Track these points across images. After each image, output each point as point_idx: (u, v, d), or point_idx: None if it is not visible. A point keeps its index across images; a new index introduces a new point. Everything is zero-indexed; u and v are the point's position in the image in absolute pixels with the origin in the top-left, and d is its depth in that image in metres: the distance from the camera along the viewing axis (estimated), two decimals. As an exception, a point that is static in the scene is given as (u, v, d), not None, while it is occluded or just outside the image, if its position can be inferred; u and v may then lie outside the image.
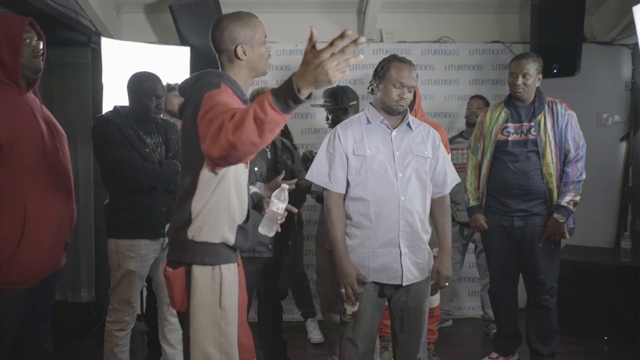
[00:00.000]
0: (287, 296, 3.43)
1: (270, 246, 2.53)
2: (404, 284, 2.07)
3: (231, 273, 1.65)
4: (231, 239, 1.62)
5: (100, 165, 2.55)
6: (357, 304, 2.07)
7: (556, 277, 2.77)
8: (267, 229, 1.76)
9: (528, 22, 3.80)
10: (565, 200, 2.64)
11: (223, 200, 1.60)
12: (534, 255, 2.72)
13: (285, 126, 3.26)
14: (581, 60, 3.70)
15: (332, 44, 1.25)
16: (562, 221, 2.64)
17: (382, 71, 2.09)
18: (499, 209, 2.79)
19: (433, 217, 2.20)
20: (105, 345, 2.54)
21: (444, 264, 2.14)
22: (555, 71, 3.64)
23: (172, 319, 2.71)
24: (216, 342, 1.60)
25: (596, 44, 3.99)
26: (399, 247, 2.05)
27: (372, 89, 2.17)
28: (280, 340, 2.83)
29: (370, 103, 2.19)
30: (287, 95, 1.29)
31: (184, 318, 1.64)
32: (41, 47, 1.95)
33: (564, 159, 2.69)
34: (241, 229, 1.65)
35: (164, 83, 2.64)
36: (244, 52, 1.68)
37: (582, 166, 2.68)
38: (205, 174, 1.57)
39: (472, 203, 2.89)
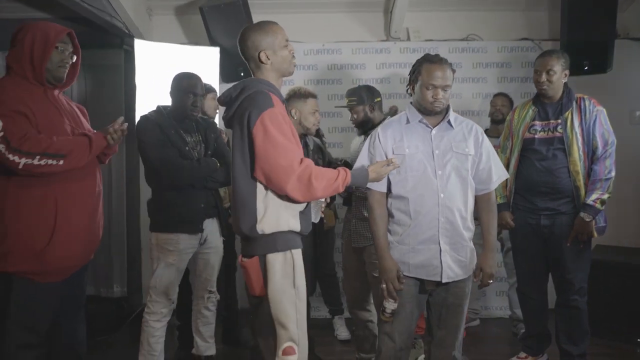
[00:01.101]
0: (315, 293, 3.48)
1: None
2: (443, 281, 2.07)
3: (299, 256, 1.86)
4: (297, 225, 1.84)
5: (144, 163, 2.65)
6: (397, 301, 2.09)
7: (586, 277, 2.72)
8: (314, 215, 1.96)
9: (558, 18, 3.74)
10: (592, 198, 2.59)
11: (278, 195, 1.80)
12: (562, 255, 2.68)
13: None
14: (613, 57, 3.63)
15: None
16: (588, 220, 2.59)
17: (414, 74, 2.11)
18: (526, 207, 2.77)
19: (478, 214, 2.19)
20: (141, 336, 2.62)
21: (487, 261, 2.14)
22: (586, 68, 3.58)
23: (206, 313, 2.79)
24: (293, 319, 1.80)
25: (629, 40, 3.91)
26: (439, 244, 2.06)
27: (409, 92, 2.19)
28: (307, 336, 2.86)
29: (411, 102, 2.21)
30: (360, 183, 2.03)
31: (261, 302, 1.86)
32: (72, 60, 2.06)
33: (592, 156, 2.64)
34: (302, 214, 1.86)
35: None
36: (267, 57, 1.87)
37: (611, 163, 2.62)
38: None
39: (499, 201, 2.86)
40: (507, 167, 2.86)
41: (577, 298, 2.69)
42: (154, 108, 2.66)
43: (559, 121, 2.67)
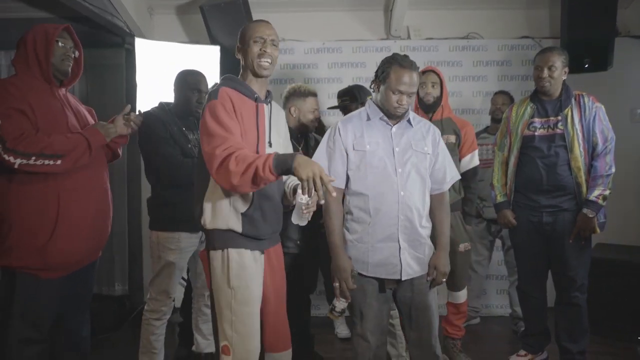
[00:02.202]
0: (316, 291, 3.49)
1: (298, 242, 2.58)
2: (403, 279, 2.06)
3: (242, 257, 1.85)
4: (237, 226, 1.84)
5: (144, 160, 2.66)
6: (348, 301, 2.08)
7: (586, 274, 2.72)
8: (298, 219, 1.88)
9: (558, 16, 3.74)
10: (594, 194, 2.60)
11: (224, 191, 1.82)
12: (564, 252, 2.68)
13: (320, 121, 3.32)
14: (614, 54, 3.62)
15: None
16: (591, 216, 2.59)
17: (382, 75, 2.06)
18: (527, 204, 2.76)
19: (432, 214, 2.17)
20: (142, 333, 2.64)
21: (440, 260, 2.13)
22: (587, 66, 3.58)
23: (206, 310, 2.80)
24: (227, 319, 1.82)
25: (630, 38, 3.90)
26: (398, 241, 2.05)
27: (373, 89, 2.16)
28: (307, 334, 2.88)
29: (370, 98, 2.19)
30: (284, 169, 1.67)
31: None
32: (74, 54, 2.10)
33: (592, 153, 2.65)
34: (245, 216, 1.84)
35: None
36: (238, 51, 1.93)
37: (611, 159, 2.63)
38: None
39: (500, 199, 2.87)
40: (505, 164, 2.86)
41: (578, 295, 2.69)
42: (156, 104, 2.67)
43: (559, 118, 2.67)
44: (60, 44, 2.03)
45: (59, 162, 1.91)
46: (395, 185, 2.04)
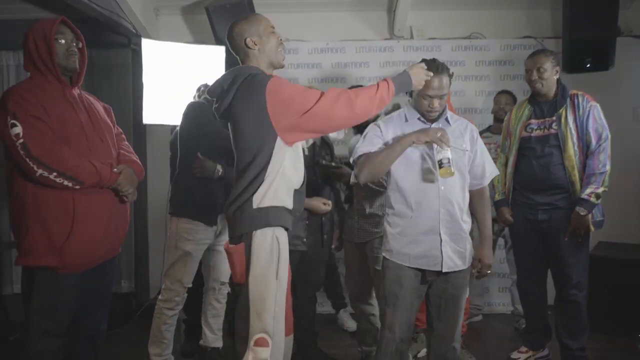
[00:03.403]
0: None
1: (304, 239, 2.62)
2: (444, 270, 2.12)
3: (286, 248, 1.84)
4: (289, 203, 1.85)
5: (184, 148, 2.66)
6: (450, 146, 2.04)
7: (584, 272, 2.74)
8: (336, 134, 2.00)
9: (560, 17, 3.76)
10: (586, 192, 2.60)
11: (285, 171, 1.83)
12: (560, 249, 2.71)
13: None
14: (615, 54, 3.65)
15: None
16: (583, 214, 2.60)
17: None
18: (524, 202, 2.80)
19: (473, 209, 2.24)
20: (153, 323, 2.69)
21: (485, 252, 2.20)
22: (588, 66, 3.60)
23: (216, 305, 2.84)
24: (270, 310, 1.77)
25: (632, 38, 3.92)
26: (440, 234, 2.10)
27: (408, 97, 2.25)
28: (311, 331, 2.92)
29: (409, 100, 2.25)
30: (405, 87, 1.94)
31: (241, 289, 1.84)
32: (78, 46, 2.07)
33: (587, 151, 2.66)
34: (297, 193, 1.88)
35: (204, 83, 2.75)
36: (254, 42, 1.89)
37: (605, 157, 2.63)
38: (277, 148, 1.81)
39: (498, 197, 2.91)
40: (506, 165, 2.90)
41: (575, 292, 2.71)
42: (200, 99, 2.73)
43: (554, 118, 2.70)
44: (61, 40, 2.00)
45: (77, 186, 1.95)
46: (435, 180, 2.09)
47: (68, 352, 2.09)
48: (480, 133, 3.55)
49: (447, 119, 2.18)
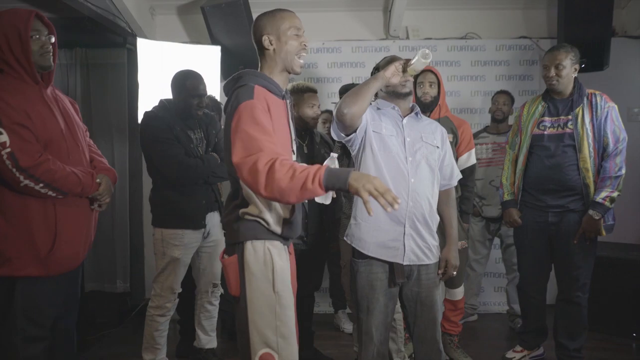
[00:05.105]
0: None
1: (305, 239, 2.61)
2: (404, 263, 2.08)
3: (281, 257, 1.71)
4: (277, 229, 1.70)
5: (147, 159, 2.66)
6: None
7: (590, 274, 2.69)
8: (323, 198, 1.78)
9: (555, 17, 3.78)
10: (601, 196, 2.54)
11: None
12: (569, 252, 2.64)
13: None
14: (610, 54, 3.66)
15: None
16: (597, 218, 2.55)
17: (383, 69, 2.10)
18: (534, 204, 2.73)
19: (439, 209, 2.21)
20: (145, 330, 2.67)
21: (451, 253, 2.18)
22: (583, 66, 3.60)
23: (209, 307, 2.83)
24: (271, 325, 1.66)
25: (627, 38, 3.95)
26: (404, 226, 2.07)
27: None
28: (308, 330, 2.91)
29: (376, 94, 2.23)
30: (338, 184, 1.48)
31: (237, 302, 1.71)
32: (51, 41, 1.95)
33: (602, 153, 2.59)
34: (287, 222, 1.72)
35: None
36: (270, 42, 1.71)
37: (622, 160, 2.57)
38: None
39: (507, 197, 2.84)
40: (515, 163, 2.85)
41: (580, 295, 2.67)
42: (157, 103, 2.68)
43: (570, 117, 2.63)
44: (34, 37, 1.87)
45: (60, 196, 1.91)
46: (405, 172, 2.08)
47: (50, 351, 2.06)
48: (477, 134, 3.60)
49: (417, 114, 2.19)
